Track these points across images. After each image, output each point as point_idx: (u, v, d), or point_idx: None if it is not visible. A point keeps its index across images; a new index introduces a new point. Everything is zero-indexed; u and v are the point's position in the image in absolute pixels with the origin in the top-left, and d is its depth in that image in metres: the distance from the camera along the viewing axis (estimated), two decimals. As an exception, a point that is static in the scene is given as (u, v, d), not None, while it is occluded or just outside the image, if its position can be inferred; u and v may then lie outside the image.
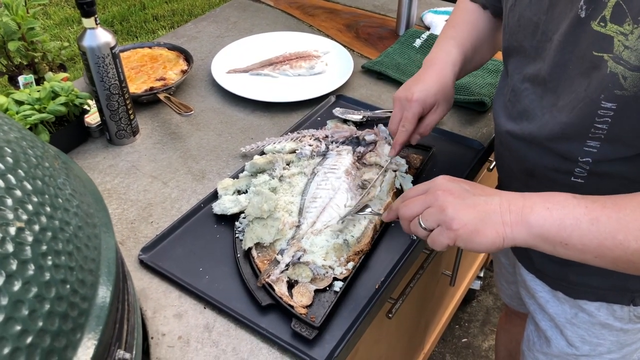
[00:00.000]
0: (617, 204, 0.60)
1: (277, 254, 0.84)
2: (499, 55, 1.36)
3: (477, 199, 0.65)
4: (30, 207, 0.48)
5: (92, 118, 1.10)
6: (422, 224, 0.67)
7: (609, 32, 0.63)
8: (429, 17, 1.52)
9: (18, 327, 0.41)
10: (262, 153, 1.05)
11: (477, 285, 1.91)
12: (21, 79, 1.09)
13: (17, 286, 0.42)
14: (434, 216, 0.65)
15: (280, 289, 0.78)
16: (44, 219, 0.48)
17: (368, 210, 0.84)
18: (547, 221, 0.61)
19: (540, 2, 0.74)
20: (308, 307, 0.78)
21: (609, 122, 0.67)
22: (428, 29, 1.49)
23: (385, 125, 1.09)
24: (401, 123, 0.89)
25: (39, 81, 1.16)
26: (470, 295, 1.97)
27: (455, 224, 0.63)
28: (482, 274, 1.93)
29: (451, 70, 0.91)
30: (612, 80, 0.64)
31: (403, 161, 1.02)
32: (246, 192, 0.96)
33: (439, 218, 0.65)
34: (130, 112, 1.08)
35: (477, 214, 0.63)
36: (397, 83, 1.27)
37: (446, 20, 1.46)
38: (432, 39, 1.36)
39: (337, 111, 1.16)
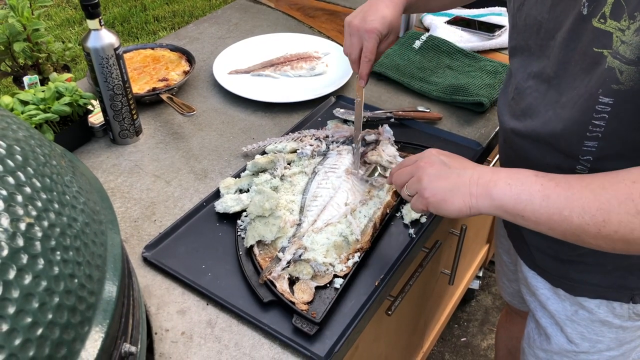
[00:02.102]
0: (568, 183, 0.65)
1: (279, 252, 0.85)
2: (498, 57, 1.38)
3: (451, 171, 0.73)
4: (39, 203, 0.49)
5: (96, 118, 1.12)
6: (406, 191, 0.77)
7: (608, 29, 0.65)
8: (429, 19, 1.53)
9: (29, 319, 0.43)
10: (264, 153, 1.07)
11: (476, 285, 1.92)
12: (26, 80, 1.11)
13: (27, 279, 0.44)
14: (413, 185, 0.76)
15: (282, 286, 0.80)
16: (52, 215, 0.50)
17: (377, 173, 0.90)
18: (506, 195, 0.68)
19: (544, 1, 0.76)
20: (309, 303, 0.79)
21: (607, 119, 0.69)
22: (427, 30, 1.51)
23: (390, 125, 1.10)
24: (363, 54, 0.95)
25: (44, 81, 1.18)
26: (469, 294, 1.98)
27: (427, 192, 0.73)
28: (481, 274, 1.94)
29: (402, 4, 0.97)
30: (609, 74, 0.65)
31: (402, 161, 1.03)
32: (248, 191, 0.97)
33: (416, 187, 0.75)
34: (134, 112, 1.09)
35: (448, 184, 0.72)
36: (397, 84, 1.29)
37: (445, 22, 1.49)
38: (432, 40, 1.37)
39: (338, 112, 1.17)
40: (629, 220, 0.61)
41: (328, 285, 0.82)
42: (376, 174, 0.89)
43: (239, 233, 0.90)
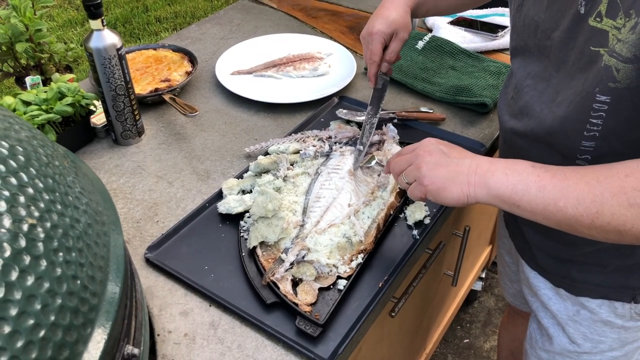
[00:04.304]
0: (564, 175, 0.66)
1: (282, 253, 0.85)
2: (501, 57, 1.38)
3: (450, 160, 0.74)
4: (41, 204, 0.49)
5: (98, 118, 1.12)
6: (404, 178, 0.78)
7: (604, 27, 0.65)
8: (432, 19, 1.53)
9: (31, 321, 0.42)
10: (266, 153, 1.06)
11: (478, 286, 1.91)
12: (28, 80, 1.11)
13: (30, 281, 0.43)
14: (412, 173, 0.76)
15: (285, 287, 0.79)
16: (55, 216, 0.49)
17: (374, 161, 0.91)
18: (503, 185, 0.69)
19: (541, 1, 0.76)
20: (312, 305, 0.79)
21: (604, 117, 0.69)
22: (430, 31, 1.50)
23: (393, 126, 1.10)
24: (370, 56, 1.00)
25: (46, 82, 1.17)
26: (472, 296, 1.97)
27: (426, 180, 0.74)
28: (483, 275, 1.94)
29: (405, 3, 1.00)
30: (606, 73, 0.66)
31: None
32: (251, 191, 0.97)
33: (415, 175, 0.76)
34: (136, 112, 1.09)
35: (447, 173, 0.73)
36: (400, 85, 1.28)
37: (448, 23, 1.48)
38: (435, 41, 1.37)
39: (341, 112, 1.17)
40: (621, 212, 0.62)
41: (331, 286, 0.81)
42: (373, 162, 0.91)
43: (241, 234, 0.89)
